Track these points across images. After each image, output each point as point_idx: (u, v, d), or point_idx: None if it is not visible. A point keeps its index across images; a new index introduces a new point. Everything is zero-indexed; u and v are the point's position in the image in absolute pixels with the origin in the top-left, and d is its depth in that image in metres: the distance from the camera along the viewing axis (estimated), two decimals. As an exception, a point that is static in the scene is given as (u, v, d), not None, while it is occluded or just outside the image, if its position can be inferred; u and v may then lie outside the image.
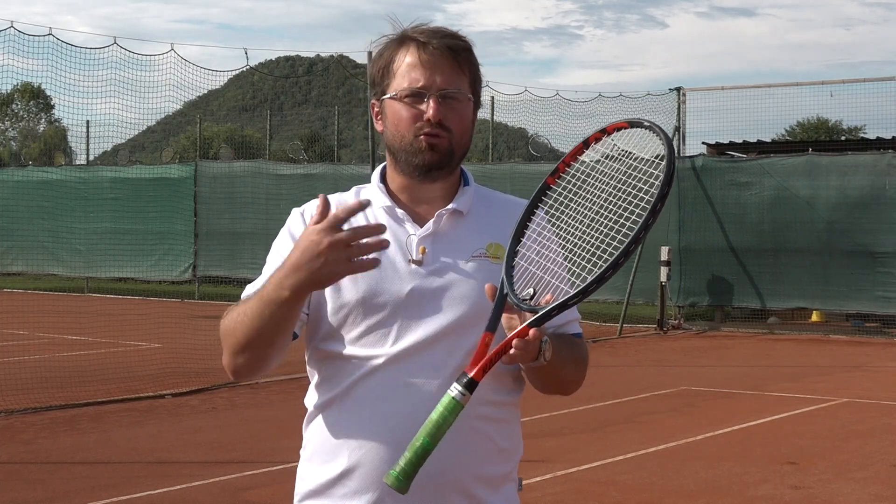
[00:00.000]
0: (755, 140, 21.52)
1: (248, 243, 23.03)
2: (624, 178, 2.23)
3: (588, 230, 2.25)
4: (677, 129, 20.12)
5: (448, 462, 2.23)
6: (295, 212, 2.41)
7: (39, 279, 27.18)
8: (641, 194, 2.15)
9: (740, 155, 21.16)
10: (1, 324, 16.22)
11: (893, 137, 19.61)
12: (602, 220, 2.23)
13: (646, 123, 2.18)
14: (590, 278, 2.10)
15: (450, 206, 2.37)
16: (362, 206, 2.09)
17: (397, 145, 2.35)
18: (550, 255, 2.27)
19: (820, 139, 31.24)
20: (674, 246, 19.23)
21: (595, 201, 2.26)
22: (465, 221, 2.38)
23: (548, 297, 2.14)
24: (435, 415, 2.09)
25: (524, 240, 2.29)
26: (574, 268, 2.23)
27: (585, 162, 2.30)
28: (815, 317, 19.53)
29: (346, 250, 2.02)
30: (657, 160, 2.16)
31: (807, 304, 18.71)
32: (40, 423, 9.49)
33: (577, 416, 9.92)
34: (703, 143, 21.29)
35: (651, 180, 2.15)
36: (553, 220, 2.33)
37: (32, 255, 25.34)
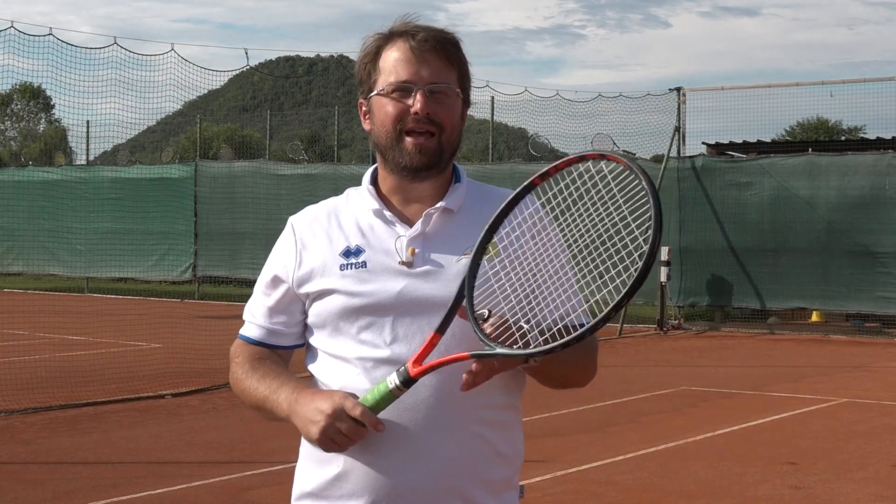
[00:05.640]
0: (755, 140, 21.52)
1: (248, 243, 23.02)
2: (608, 238, 2.09)
3: (556, 272, 2.15)
4: (677, 129, 20.11)
5: (445, 466, 2.20)
6: (288, 221, 2.41)
7: (39, 279, 27.18)
8: (616, 275, 2.02)
9: (740, 155, 21.16)
10: (1, 324, 16.23)
11: (893, 137, 19.61)
12: (579, 264, 2.14)
13: (644, 183, 2.00)
14: (547, 345, 2.01)
15: (438, 204, 2.30)
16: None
17: (384, 143, 2.29)
18: (513, 277, 2.16)
19: (820, 139, 31.22)
20: (674, 246, 19.22)
21: (579, 235, 2.16)
22: (456, 219, 2.32)
23: (490, 328, 2.08)
24: (369, 395, 2.12)
25: (495, 239, 2.20)
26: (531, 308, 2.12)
27: (576, 182, 2.17)
28: (815, 317, 19.53)
29: (337, 434, 2.10)
30: (642, 243, 1.98)
31: (807, 304, 18.70)
32: (40, 423, 9.49)
33: (577, 416, 9.91)
34: (703, 143, 21.29)
35: (630, 268, 1.99)
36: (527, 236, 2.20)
37: (32, 255, 25.34)
